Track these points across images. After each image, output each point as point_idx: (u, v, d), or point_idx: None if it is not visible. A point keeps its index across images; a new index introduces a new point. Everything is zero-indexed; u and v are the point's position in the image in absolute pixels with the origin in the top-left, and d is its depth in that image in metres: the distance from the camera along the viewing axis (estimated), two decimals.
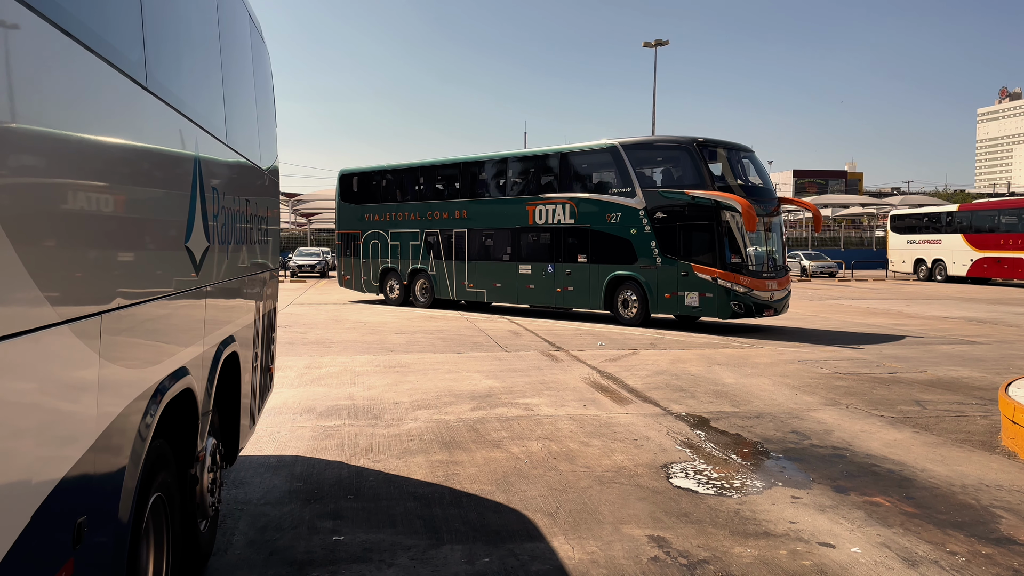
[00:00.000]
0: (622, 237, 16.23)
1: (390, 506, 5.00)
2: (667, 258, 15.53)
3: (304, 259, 39.26)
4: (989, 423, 7.39)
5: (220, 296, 3.86)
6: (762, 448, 6.50)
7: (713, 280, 14.90)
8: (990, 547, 4.36)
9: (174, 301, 2.96)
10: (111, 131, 2.31)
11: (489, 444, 6.54)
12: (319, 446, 6.45)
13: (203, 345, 3.46)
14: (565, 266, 17.35)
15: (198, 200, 3.24)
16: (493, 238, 18.97)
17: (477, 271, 19.22)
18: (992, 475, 5.75)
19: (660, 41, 43.31)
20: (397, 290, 21.27)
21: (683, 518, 4.80)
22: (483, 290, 19.11)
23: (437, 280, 20.14)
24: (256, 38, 5.30)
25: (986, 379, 9.83)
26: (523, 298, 18.39)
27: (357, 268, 22.19)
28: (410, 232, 20.72)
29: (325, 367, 10.58)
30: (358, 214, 22.07)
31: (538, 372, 10.24)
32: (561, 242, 17.42)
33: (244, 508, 4.95)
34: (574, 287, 17.21)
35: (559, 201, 17.42)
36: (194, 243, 3.20)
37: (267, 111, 5.63)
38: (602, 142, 16.94)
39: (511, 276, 18.44)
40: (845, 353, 12.32)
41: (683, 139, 15.67)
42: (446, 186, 20.59)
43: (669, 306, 15.69)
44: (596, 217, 16.70)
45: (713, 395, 8.76)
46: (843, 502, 5.13)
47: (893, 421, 7.51)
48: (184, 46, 3.21)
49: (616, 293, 16.52)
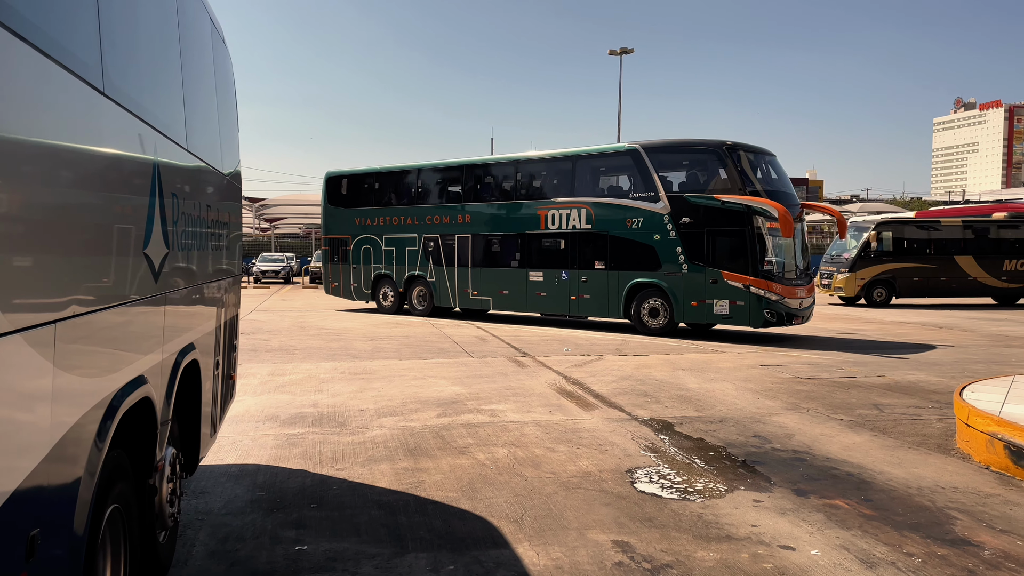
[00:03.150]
0: (644, 243, 15.65)
1: (354, 514, 4.96)
2: (694, 265, 15.00)
3: (268, 265, 38.83)
4: (944, 426, 7.56)
5: (180, 303, 3.80)
6: (725, 452, 6.57)
7: (745, 288, 14.45)
8: (945, 548, 4.45)
9: (132, 309, 2.91)
10: (67, 136, 2.27)
11: (455, 451, 6.52)
12: (282, 454, 6.38)
13: (162, 353, 3.41)
14: (581, 273, 16.69)
15: (157, 206, 3.19)
16: (500, 244, 18.19)
17: (482, 278, 18.44)
18: (947, 477, 5.88)
19: (625, 49, 43.69)
20: (391, 298, 20.38)
21: (647, 523, 4.83)
22: (488, 298, 18.35)
23: (437, 287, 19.31)
24: (218, 42, 5.24)
25: (942, 383, 10.06)
26: (534, 306, 17.62)
27: (346, 275, 21.22)
28: (407, 237, 19.83)
29: (289, 374, 10.47)
30: (348, 218, 21.11)
31: (504, 378, 10.24)
32: (576, 248, 16.75)
33: (205, 518, 4.87)
34: (590, 295, 16.55)
35: (574, 205, 16.74)
36: (153, 249, 3.15)
37: (229, 115, 5.57)
38: (621, 144, 16.52)
39: (520, 283, 17.70)
40: (806, 358, 12.51)
41: (711, 142, 15.23)
42: (447, 189, 19.77)
43: (696, 314, 15.14)
44: (615, 222, 16.08)
45: (677, 400, 8.84)
46: (803, 505, 5.20)
47: (852, 425, 7.64)
48: (143, 50, 3.17)
49: (637, 301, 15.89)
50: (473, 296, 18.64)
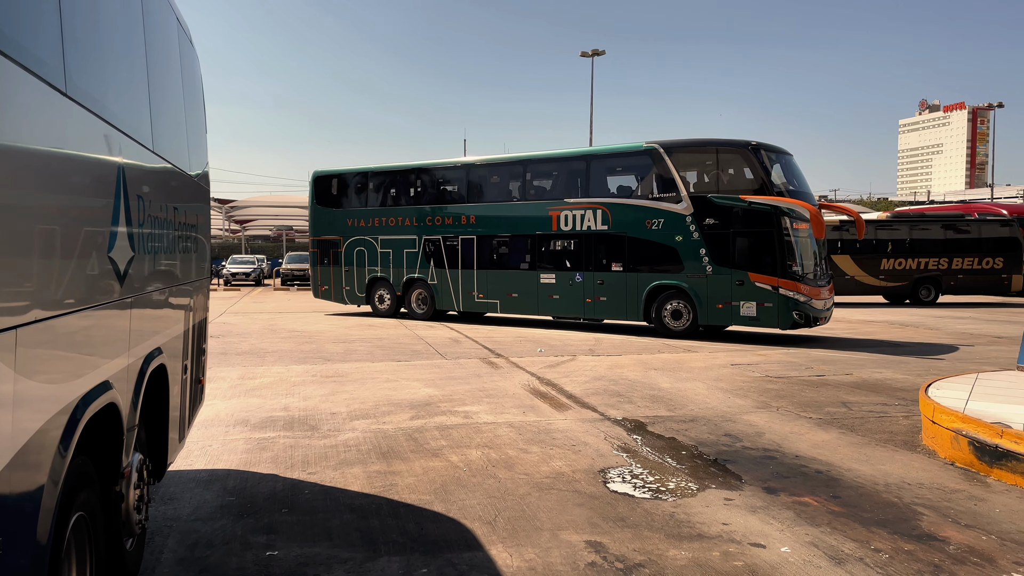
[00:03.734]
0: (665, 244, 15.39)
1: (326, 518, 4.92)
2: (719, 266, 14.78)
3: (238, 267, 38.45)
4: (911, 423, 7.69)
5: (147, 307, 3.75)
6: (696, 451, 6.62)
7: (774, 289, 14.26)
8: (912, 544, 4.52)
9: (96, 313, 2.86)
10: (28, 139, 2.23)
11: (428, 453, 6.50)
12: (252, 459, 6.31)
13: (128, 358, 3.36)
14: (597, 275, 16.34)
15: (122, 208, 3.15)
16: (508, 245, 17.76)
17: (488, 281, 17.96)
18: (914, 474, 5.98)
19: (597, 51, 43.90)
20: (388, 301, 19.76)
21: (620, 522, 4.85)
22: (496, 301, 17.85)
23: (439, 290, 18.73)
24: (184, 42, 5.18)
25: (908, 380, 10.22)
26: (545, 309, 17.26)
27: (337, 278, 20.41)
28: (405, 239, 19.22)
29: (260, 377, 10.37)
30: (339, 219, 20.37)
31: (478, 379, 10.23)
32: (592, 250, 16.41)
33: (173, 525, 4.80)
34: (607, 297, 16.21)
35: (589, 206, 16.38)
36: (118, 253, 3.10)
37: (196, 116, 5.50)
38: (639, 144, 16.09)
39: (531, 286, 17.28)
40: (775, 357, 12.65)
41: (737, 142, 15.08)
42: (450, 190, 19.21)
43: (721, 316, 14.93)
44: (634, 223, 15.79)
45: (650, 400, 8.89)
46: (773, 503, 5.26)
47: (821, 423, 7.74)
48: (107, 51, 3.12)
49: (658, 303, 15.61)
50: (479, 299, 18.13)
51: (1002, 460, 5.79)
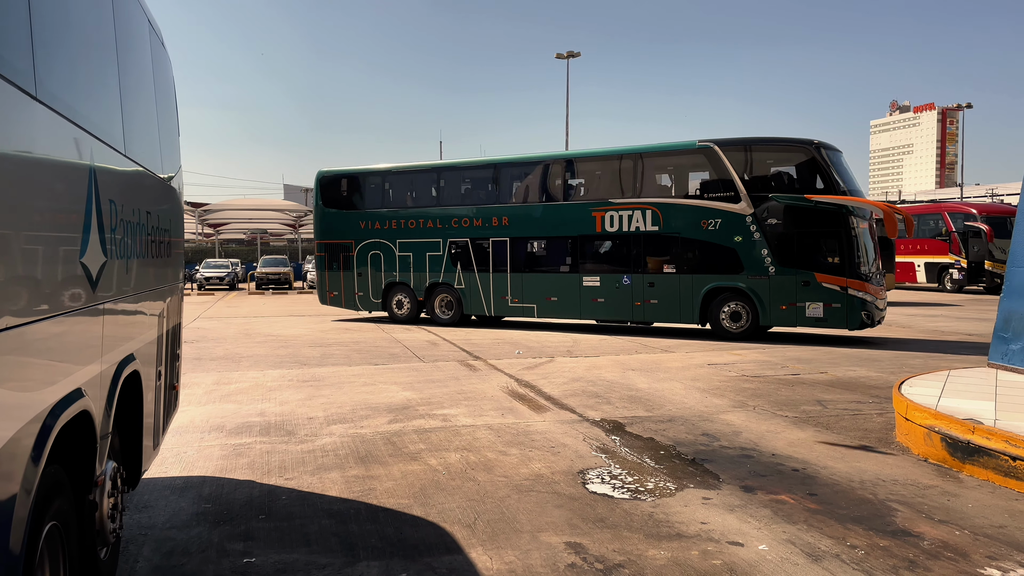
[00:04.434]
0: (723, 245, 15.00)
1: (304, 524, 4.88)
2: (782, 267, 14.49)
3: (212, 271, 38.05)
4: (885, 420, 7.78)
5: (120, 313, 3.70)
6: (674, 451, 6.65)
7: (842, 290, 14.08)
8: (887, 539, 4.58)
9: (69, 320, 2.82)
10: None
11: (406, 457, 6.47)
12: (229, 465, 6.25)
13: (101, 364, 3.31)
14: (647, 277, 15.84)
15: (94, 213, 3.10)
16: (546, 248, 17.20)
17: (524, 284, 17.27)
18: (888, 470, 6.05)
19: (572, 53, 44.04)
20: (407, 306, 18.86)
21: (599, 523, 4.86)
22: (532, 305, 17.21)
23: (467, 295, 17.96)
24: (156, 45, 5.12)
25: (881, 378, 10.36)
26: (589, 312, 16.65)
27: (348, 283, 19.34)
28: (428, 242, 18.36)
29: (235, 383, 10.27)
30: (350, 221, 19.30)
31: (456, 382, 10.21)
32: (641, 251, 15.90)
33: (148, 533, 4.74)
34: (659, 300, 15.75)
35: (638, 206, 15.83)
36: (90, 258, 3.06)
37: (169, 119, 5.44)
38: (692, 142, 15.64)
39: (572, 289, 16.67)
40: (751, 356, 12.76)
41: (801, 140, 14.90)
42: (479, 190, 18.49)
43: (785, 318, 14.64)
44: (688, 224, 15.34)
45: (628, 400, 8.92)
46: (751, 501, 5.30)
47: (797, 421, 7.81)
48: (78, 55, 3.08)
49: (715, 305, 15.24)
50: (513, 304, 17.47)
51: (974, 456, 5.88)
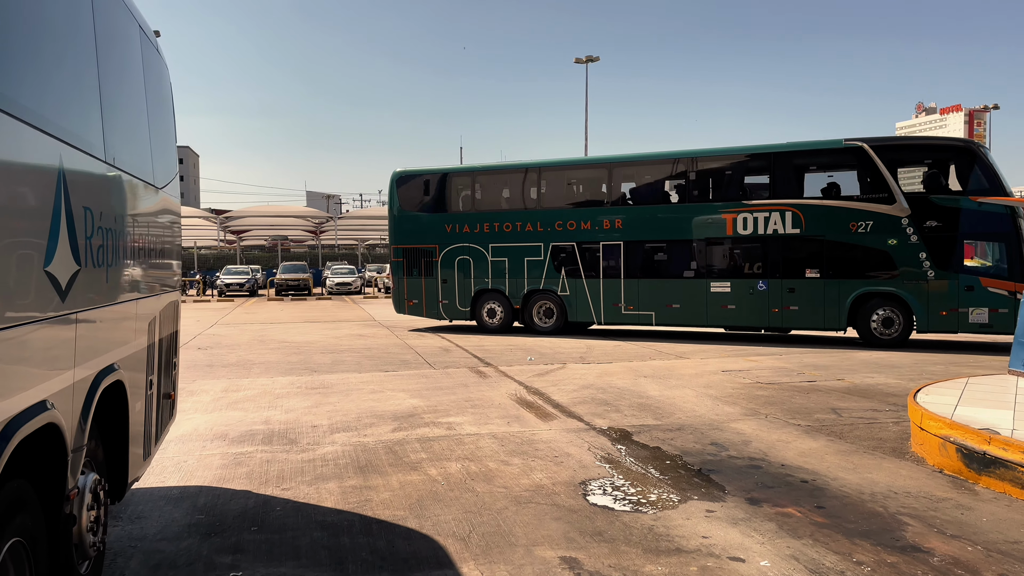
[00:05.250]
0: (873, 248, 14.42)
1: (295, 537, 4.79)
2: (942, 271, 13.98)
3: (232, 277, 38.28)
4: (900, 429, 7.56)
5: (98, 322, 3.63)
6: (681, 461, 6.49)
7: (1011, 294, 13.52)
8: (895, 555, 4.40)
9: (31, 330, 2.74)
10: None
11: (406, 467, 6.37)
12: (227, 475, 6.18)
13: (74, 376, 3.24)
14: (786, 282, 15.11)
15: (63, 221, 3.03)
16: (666, 252, 16.35)
17: (640, 290, 16.40)
18: (901, 482, 5.86)
19: (591, 57, 43.95)
20: (500, 314, 17.81)
21: (597, 537, 4.73)
22: (651, 312, 16.32)
23: (572, 301, 17.05)
24: (149, 52, 5.07)
25: (900, 385, 10.11)
26: (717, 319, 15.88)
27: (431, 290, 18.32)
28: (526, 246, 17.37)
29: (244, 390, 10.23)
30: (433, 225, 18.29)
31: (464, 389, 10.10)
32: (779, 255, 15.19)
33: (138, 545, 4.67)
34: (799, 306, 15.03)
35: (776, 208, 15.12)
36: (58, 267, 2.98)
37: (163, 127, 5.39)
38: (838, 140, 15.04)
39: (698, 295, 15.85)
40: (767, 363, 12.54)
41: (959, 140, 14.66)
42: (588, 190, 17.71)
43: (946, 323, 14.08)
44: (834, 226, 14.71)
45: (637, 408, 8.77)
46: (756, 514, 5.13)
47: (809, 430, 7.62)
48: (45, 61, 3.01)
49: (864, 311, 14.66)
50: (627, 311, 16.56)
51: (990, 467, 5.67)
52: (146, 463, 4.95)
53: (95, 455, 3.85)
